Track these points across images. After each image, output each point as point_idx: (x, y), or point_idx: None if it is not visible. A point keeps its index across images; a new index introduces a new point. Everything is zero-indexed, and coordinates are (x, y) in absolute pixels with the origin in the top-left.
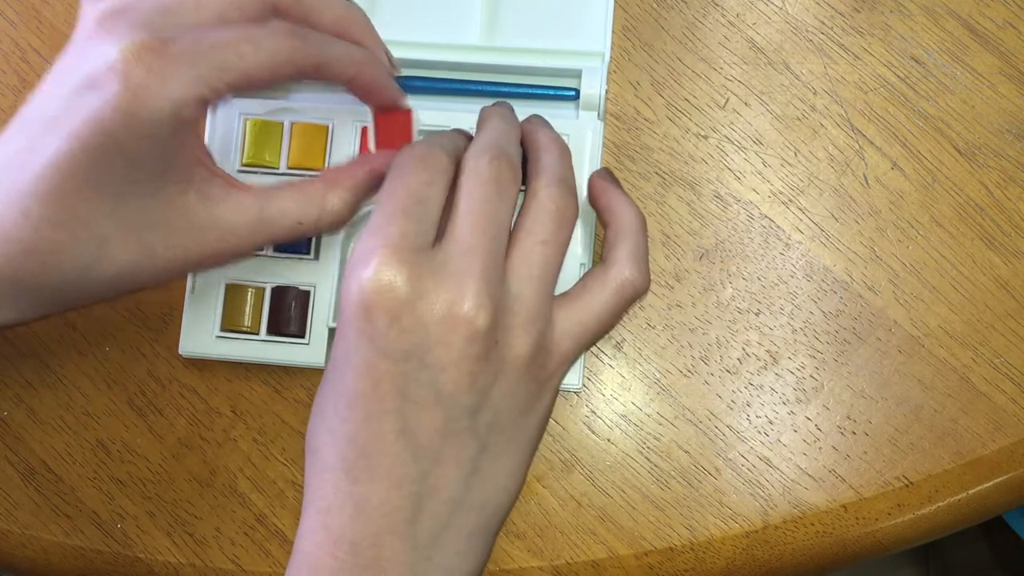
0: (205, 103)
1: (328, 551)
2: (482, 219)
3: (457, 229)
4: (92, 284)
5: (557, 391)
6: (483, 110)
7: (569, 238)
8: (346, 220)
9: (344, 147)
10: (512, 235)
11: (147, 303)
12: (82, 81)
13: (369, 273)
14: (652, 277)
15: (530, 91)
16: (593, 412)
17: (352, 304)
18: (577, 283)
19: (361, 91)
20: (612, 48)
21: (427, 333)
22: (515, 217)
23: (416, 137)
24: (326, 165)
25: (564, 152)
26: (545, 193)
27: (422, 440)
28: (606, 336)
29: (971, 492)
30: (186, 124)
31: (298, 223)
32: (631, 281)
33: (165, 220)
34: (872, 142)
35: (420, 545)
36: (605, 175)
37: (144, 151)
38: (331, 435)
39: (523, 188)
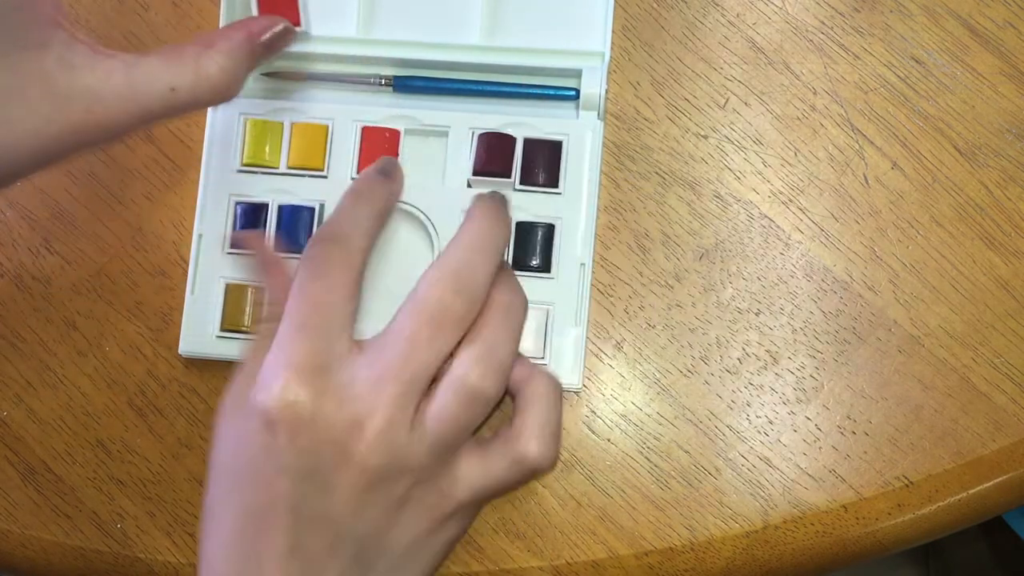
0: None
1: None
2: (402, 361)
3: (378, 353)
4: None
5: (459, 529)
6: (473, 204)
7: (481, 416)
8: (227, 90)
9: (344, 147)
10: (437, 379)
11: (147, 303)
12: None
13: (275, 391)
14: (652, 277)
15: (530, 91)
16: (593, 412)
17: (257, 417)
18: (488, 441)
19: None
20: (612, 48)
21: (323, 456)
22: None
23: (303, 7)
24: (326, 165)
25: (509, 317)
26: (464, 370)
27: (311, 555)
28: (605, 337)
29: (971, 492)
30: None
31: (171, 89)
32: (534, 459)
33: (20, 89)
34: (872, 142)
35: None
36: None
37: None
38: (221, 544)
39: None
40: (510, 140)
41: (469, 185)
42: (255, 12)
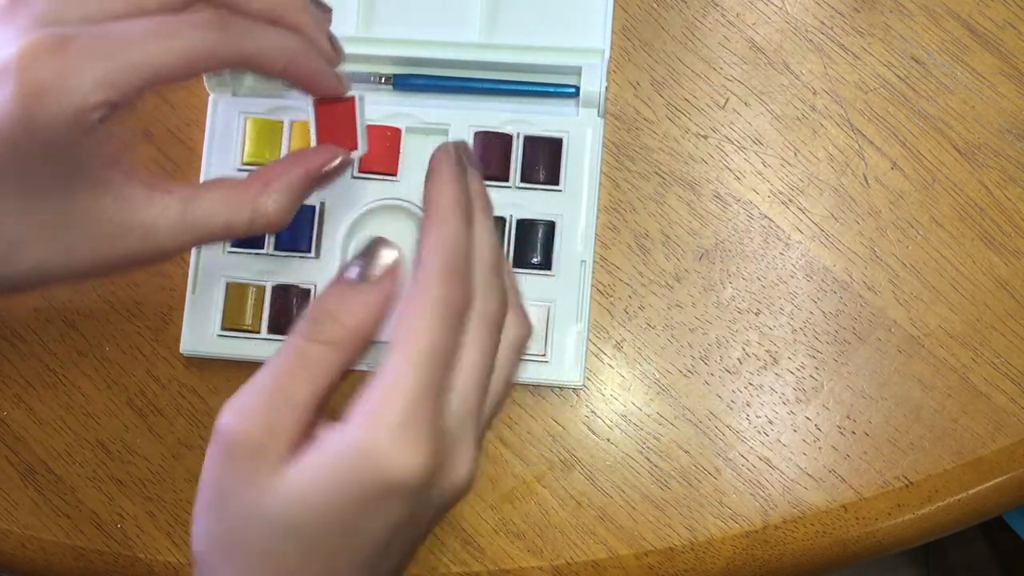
0: (112, 105)
1: None
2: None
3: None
4: (4, 280)
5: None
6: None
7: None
8: (283, 222)
9: None
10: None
11: (147, 303)
12: None
13: (417, 461)
14: (652, 277)
15: (530, 88)
16: (593, 412)
17: (382, 485)
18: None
19: (297, 82)
20: (612, 48)
21: (417, 516)
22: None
23: (361, 129)
24: None
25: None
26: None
27: None
28: (605, 337)
29: (971, 492)
30: (92, 127)
31: (227, 225)
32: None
33: (79, 221)
34: (872, 142)
35: None
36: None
37: (47, 155)
38: None
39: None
40: (507, 140)
41: None
42: (313, 138)
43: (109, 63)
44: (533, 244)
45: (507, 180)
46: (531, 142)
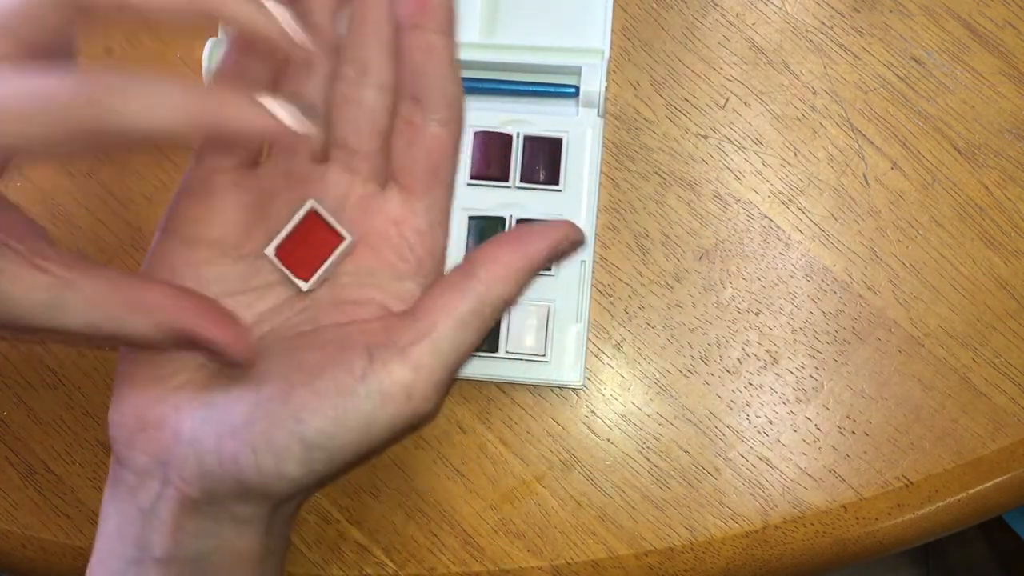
0: None
1: None
2: None
3: None
4: None
5: None
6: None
7: None
8: (163, 349)
9: None
10: None
11: None
12: None
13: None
14: (652, 277)
15: (530, 88)
16: (593, 412)
17: None
18: None
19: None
20: (612, 48)
21: None
22: None
23: (323, 270)
24: None
25: None
26: None
27: None
28: (605, 337)
29: (971, 492)
30: None
31: (96, 328)
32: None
33: None
34: (872, 142)
35: None
36: None
37: None
38: None
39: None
40: (507, 140)
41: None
42: (280, 237)
43: None
44: None
45: (507, 180)
46: (531, 142)
